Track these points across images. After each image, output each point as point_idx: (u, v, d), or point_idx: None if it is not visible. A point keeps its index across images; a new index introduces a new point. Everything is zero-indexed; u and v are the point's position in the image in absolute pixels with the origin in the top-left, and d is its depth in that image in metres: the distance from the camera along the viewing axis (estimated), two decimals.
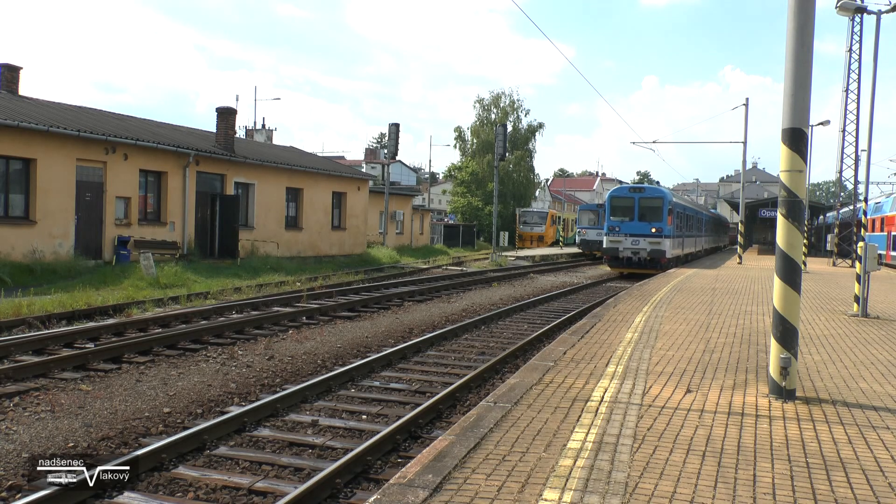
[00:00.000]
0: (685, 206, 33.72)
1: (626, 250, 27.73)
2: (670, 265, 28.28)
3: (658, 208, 27.71)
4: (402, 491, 4.18)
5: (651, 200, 28.12)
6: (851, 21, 30.55)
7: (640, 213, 27.80)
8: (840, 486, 4.46)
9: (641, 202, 28.09)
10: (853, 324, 12.13)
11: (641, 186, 30.47)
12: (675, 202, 28.95)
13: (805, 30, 6.52)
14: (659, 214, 27.53)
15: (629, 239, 27.62)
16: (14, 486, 5.42)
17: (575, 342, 9.28)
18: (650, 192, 29.30)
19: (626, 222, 27.87)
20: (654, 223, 27.39)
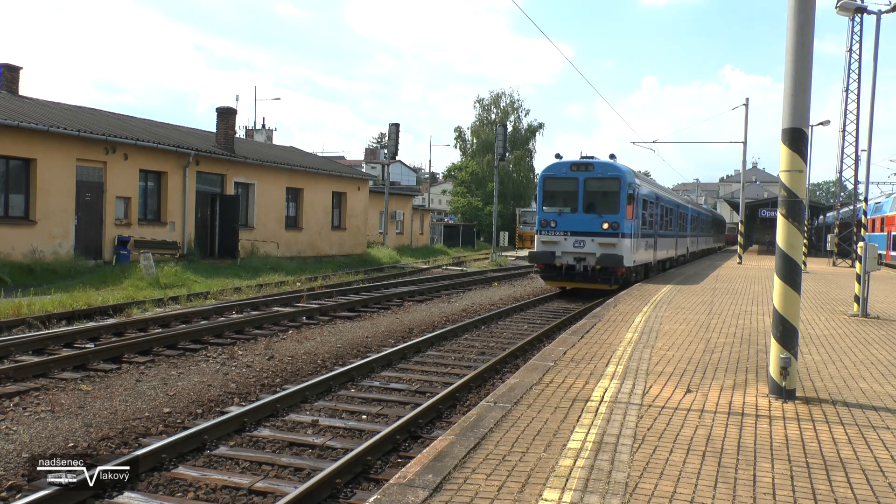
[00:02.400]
0: (658, 195, 23.90)
1: (565, 255, 18.70)
2: (632, 277, 19.82)
3: (613, 194, 18.66)
4: (402, 491, 4.18)
5: (602, 182, 18.92)
6: (851, 21, 30.55)
7: (586, 200, 18.83)
8: (840, 486, 4.46)
9: (588, 185, 18.92)
10: (853, 324, 12.13)
11: (588, 162, 19.10)
12: (638, 185, 19.85)
13: (805, 30, 6.52)
14: (614, 203, 18.57)
15: (570, 239, 18.72)
16: (14, 486, 5.42)
17: (575, 342, 9.28)
18: (601, 171, 18.96)
19: (566, 214, 18.91)
20: (608, 215, 18.48)
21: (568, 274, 18.88)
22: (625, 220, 18.43)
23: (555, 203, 19.30)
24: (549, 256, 18.73)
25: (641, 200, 20.16)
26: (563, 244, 18.74)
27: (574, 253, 18.68)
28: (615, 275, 18.34)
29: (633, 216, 19.07)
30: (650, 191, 22.34)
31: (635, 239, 19.42)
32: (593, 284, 18.82)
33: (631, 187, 18.87)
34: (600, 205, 18.75)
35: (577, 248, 18.64)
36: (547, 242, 18.94)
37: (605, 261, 18.12)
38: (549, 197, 19.43)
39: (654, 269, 23.43)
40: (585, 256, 18.55)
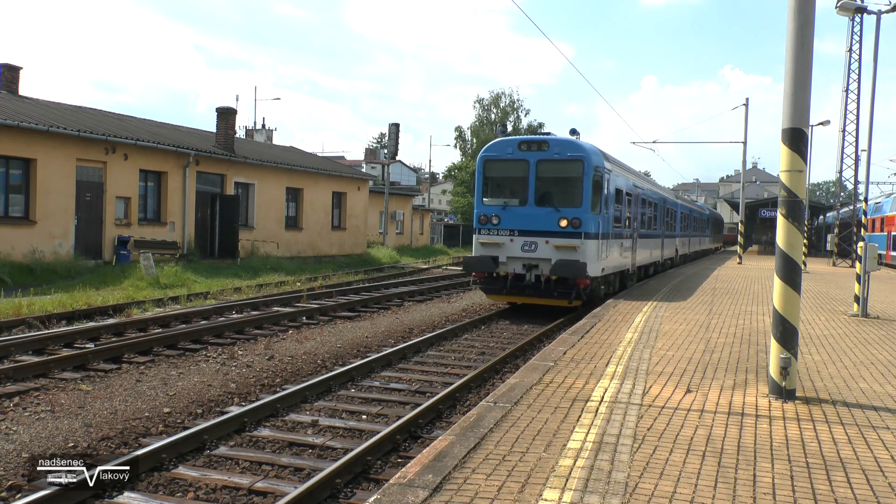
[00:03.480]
0: (639, 185, 19.71)
1: (511, 262, 14.53)
2: (600, 291, 15.38)
3: (574, 181, 14.45)
4: (402, 491, 4.18)
5: (560, 166, 14.64)
6: (851, 21, 30.56)
7: (538, 189, 14.65)
8: (840, 486, 4.46)
9: (542, 169, 14.67)
10: (853, 324, 12.13)
11: (542, 139, 14.98)
12: (609, 171, 15.42)
13: (805, 30, 6.52)
14: (575, 192, 14.40)
15: (518, 240, 14.57)
16: (14, 486, 5.42)
17: (575, 342, 9.28)
18: (558, 150, 14.65)
19: (513, 208, 14.75)
20: (567, 209, 14.30)
21: (515, 286, 14.42)
22: (589, 216, 14.17)
23: (498, 193, 15.17)
24: (490, 263, 14.41)
25: (614, 191, 15.76)
26: (509, 247, 14.46)
27: (523, 258, 14.34)
28: (576, 288, 13.90)
29: (602, 210, 14.74)
30: (627, 180, 17.69)
31: (604, 240, 14.99)
32: (547, 300, 14.49)
33: (598, 172, 14.37)
34: (557, 195, 14.51)
35: (527, 252, 14.33)
36: (488, 245, 14.66)
37: (562, 269, 13.68)
38: (490, 185, 15.27)
39: (633, 277, 19.38)
40: (537, 263, 14.21)
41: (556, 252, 14.07)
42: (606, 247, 15.24)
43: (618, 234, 16.56)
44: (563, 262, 13.80)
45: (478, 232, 14.88)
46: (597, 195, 14.46)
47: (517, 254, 14.42)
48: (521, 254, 14.37)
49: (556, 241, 14.12)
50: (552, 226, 14.22)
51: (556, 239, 14.14)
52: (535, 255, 14.27)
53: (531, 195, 14.54)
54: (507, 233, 14.57)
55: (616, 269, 16.66)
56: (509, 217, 14.63)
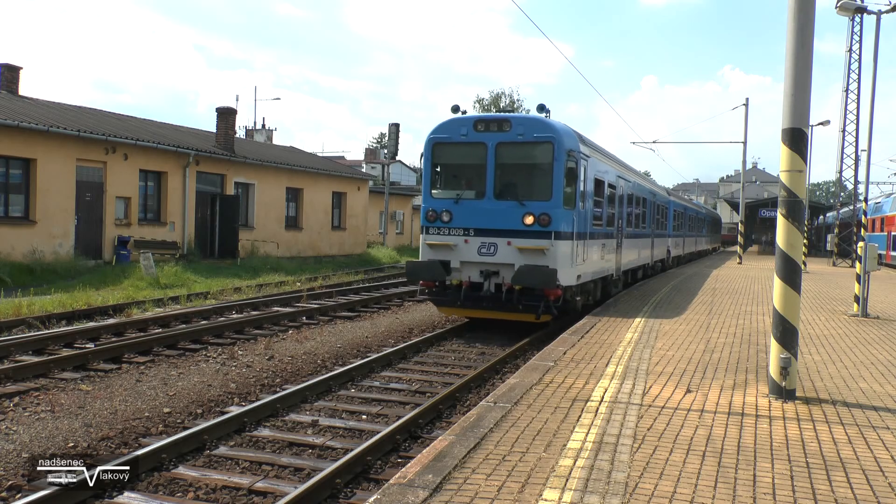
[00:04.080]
0: (624, 177, 17.04)
1: (466, 268, 12.19)
2: (576, 302, 12.84)
3: (542, 169, 12.10)
4: (402, 491, 4.18)
5: (525, 150, 12.27)
6: (851, 21, 30.58)
7: (499, 179, 12.29)
8: (840, 486, 4.46)
9: (503, 154, 12.25)
10: (853, 324, 12.14)
11: (503, 117, 12.53)
12: (586, 157, 12.95)
13: (805, 30, 6.52)
14: (543, 183, 12.02)
15: (474, 241, 12.16)
16: (14, 486, 5.42)
17: (575, 342, 9.28)
18: (523, 130, 12.15)
19: (468, 202, 12.33)
20: (533, 203, 11.90)
21: (470, 297, 11.92)
22: (561, 212, 11.67)
23: (450, 183, 12.74)
24: (440, 269, 11.92)
25: (593, 181, 13.32)
26: (463, 249, 12.03)
27: (479, 264, 11.90)
28: (545, 300, 11.48)
29: (578, 205, 12.23)
30: (610, 169, 15.09)
31: (581, 241, 12.46)
32: (509, 314, 12.06)
33: (572, 158, 11.84)
34: (522, 186, 12.09)
35: (485, 255, 11.88)
36: (437, 247, 12.16)
37: (526, 277, 11.30)
38: (440, 174, 12.77)
39: (619, 283, 16.85)
40: (498, 269, 11.78)
41: (519, 256, 11.68)
42: (583, 249, 12.73)
43: (598, 233, 14.01)
44: (528, 268, 11.41)
45: (425, 231, 12.46)
46: (571, 186, 11.95)
47: (473, 258, 12.01)
48: (478, 258, 11.97)
49: (521, 243, 11.71)
50: (515, 224, 11.80)
51: (521, 240, 11.72)
52: (494, 260, 11.87)
53: (490, 186, 12.05)
54: (461, 232, 12.13)
55: (596, 276, 14.06)
56: (463, 213, 12.18)
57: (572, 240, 12.05)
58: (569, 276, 11.90)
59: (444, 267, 12.07)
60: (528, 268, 11.45)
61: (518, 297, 11.60)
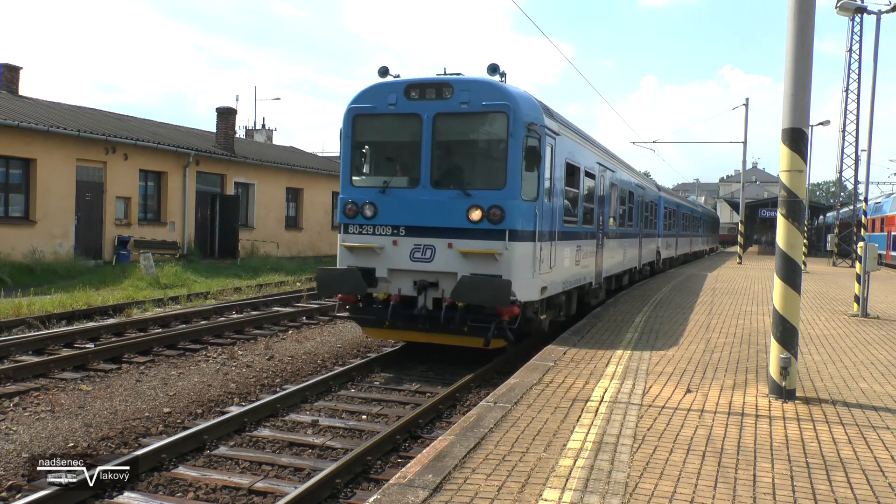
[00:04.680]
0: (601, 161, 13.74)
1: (395, 277, 9.42)
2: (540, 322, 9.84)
3: (493, 146, 9.47)
4: (402, 491, 4.18)
5: (471, 123, 9.50)
6: (851, 21, 30.58)
7: (437, 161, 9.44)
8: (840, 486, 4.46)
9: (442, 128, 9.38)
10: (853, 324, 12.13)
11: (443, 81, 9.28)
12: (553, 134, 9.86)
13: (805, 30, 6.52)
14: (494, 164, 9.31)
15: (405, 243, 9.35)
16: (14, 486, 5.42)
17: (575, 342, 9.28)
18: (468, 96, 9.12)
19: (397, 191, 9.55)
20: (482, 193, 9.11)
21: (401, 315, 9.25)
22: (519, 204, 8.94)
23: (375, 168, 10.07)
24: (359, 280, 9.20)
25: (563, 166, 10.48)
26: (391, 254, 9.31)
27: (413, 272, 9.22)
28: (497, 320, 8.81)
29: (543, 195, 9.40)
30: (587, 153, 12.37)
31: (547, 243, 9.69)
32: (450, 338, 9.33)
33: (534, 133, 8.97)
34: (468, 170, 9.47)
35: (420, 261, 9.18)
36: (358, 250, 9.49)
37: (470, 291, 8.62)
38: (362, 156, 10.06)
39: (598, 293, 14.07)
40: (437, 279, 9.13)
41: (464, 262, 8.89)
42: (551, 252, 9.83)
43: (572, 232, 11.16)
44: (472, 279, 8.62)
45: (343, 230, 9.71)
46: (532, 171, 9.02)
47: (404, 264, 9.20)
48: (411, 264, 9.15)
49: (465, 245, 8.86)
50: (458, 220, 8.97)
51: (465, 241, 8.89)
52: (431, 267, 9.08)
53: (426, 171, 9.21)
54: (389, 231, 9.31)
55: (569, 285, 11.16)
56: (391, 206, 9.32)
57: (534, 241, 9.14)
58: (529, 289, 9.09)
59: (366, 276, 9.27)
60: (473, 279, 8.61)
61: (462, 317, 8.82)
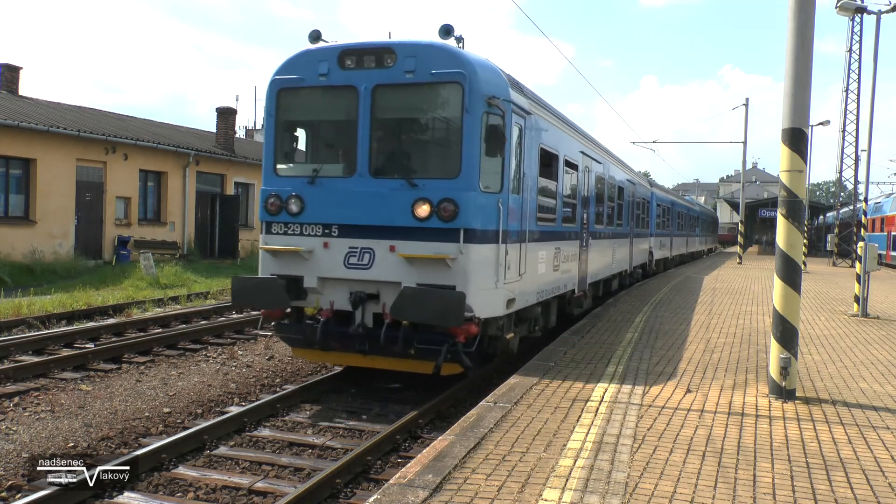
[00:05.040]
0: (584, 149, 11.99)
1: (327, 288, 7.72)
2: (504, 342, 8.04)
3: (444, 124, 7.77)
4: (402, 491, 4.18)
5: (417, 96, 7.71)
6: (851, 21, 30.58)
7: (377, 143, 7.71)
8: (840, 486, 4.46)
9: (384, 103, 7.64)
10: (853, 324, 12.13)
11: (383, 45, 7.55)
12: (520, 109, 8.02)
13: (805, 30, 6.52)
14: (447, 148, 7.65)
15: (338, 245, 7.61)
16: (14, 486, 5.42)
17: (575, 342, 9.27)
18: (414, 63, 7.35)
19: (328, 181, 7.80)
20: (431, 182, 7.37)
21: (334, 334, 7.73)
22: (477, 197, 7.35)
23: (303, 154, 8.53)
24: (281, 292, 7.61)
25: (537, 152, 8.86)
26: (322, 259, 7.74)
27: (348, 281, 7.67)
28: (450, 341, 7.27)
29: (508, 187, 7.79)
30: (568, 139, 10.64)
31: (515, 245, 8.08)
32: (394, 362, 7.76)
33: (498, 111, 7.43)
34: (414, 155, 7.99)
35: (356, 268, 7.60)
36: (282, 254, 7.87)
37: (412, 306, 7.09)
38: (288, 137, 8.36)
39: (583, 301, 12.24)
40: (377, 290, 7.59)
41: (409, 270, 7.30)
42: (520, 256, 8.18)
43: (548, 232, 9.50)
44: (416, 292, 7.04)
45: (266, 230, 7.99)
46: (495, 156, 7.39)
47: (337, 272, 7.60)
48: (346, 272, 7.55)
49: (410, 248, 7.30)
50: (402, 216, 7.32)
51: (410, 243, 7.31)
52: (370, 276, 7.47)
53: (363, 156, 7.56)
54: (319, 231, 7.69)
55: (546, 294, 9.47)
56: (322, 200, 7.69)
57: (497, 243, 7.45)
58: (491, 302, 7.42)
59: (293, 286, 7.65)
60: (416, 292, 7.00)
61: (406, 337, 7.23)
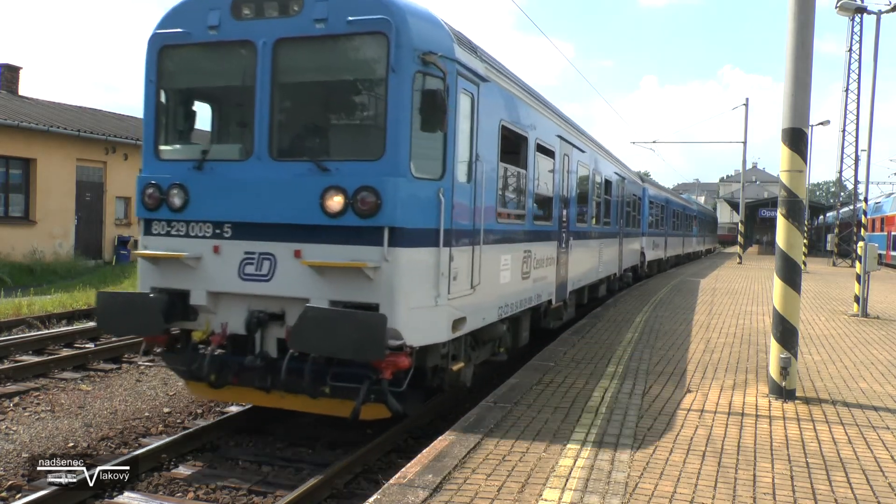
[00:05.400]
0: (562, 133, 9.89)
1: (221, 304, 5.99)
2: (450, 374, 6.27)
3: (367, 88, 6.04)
4: (402, 491, 4.18)
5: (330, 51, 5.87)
6: (851, 21, 30.58)
7: (279, 115, 5.93)
8: (840, 486, 4.46)
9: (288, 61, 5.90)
10: (853, 324, 12.13)
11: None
12: (466, 71, 6.14)
13: (805, 30, 6.52)
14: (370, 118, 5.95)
15: (231, 250, 5.85)
16: (14, 486, 5.42)
17: (575, 342, 9.27)
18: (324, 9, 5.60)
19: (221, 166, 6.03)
20: (347, 164, 5.61)
21: (225, 363, 6.04)
22: (406, 185, 5.58)
23: (187, 131, 6.72)
24: (154, 313, 5.87)
25: (497, 128, 7.15)
26: (212, 267, 6.00)
27: (245, 297, 5.94)
28: (374, 376, 5.48)
29: (454, 170, 6.02)
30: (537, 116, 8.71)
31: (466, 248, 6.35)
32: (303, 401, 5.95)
33: (437, 70, 5.69)
34: (329, 130, 6.38)
35: (254, 279, 5.86)
36: (163, 262, 6.15)
37: (319, 334, 5.30)
38: (169, 110, 6.57)
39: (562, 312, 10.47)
40: (281, 309, 5.87)
41: (320, 282, 5.65)
42: (472, 263, 6.47)
43: (513, 232, 7.82)
44: (321, 315, 5.42)
45: (145, 230, 6.34)
46: (433, 130, 5.68)
47: (231, 285, 5.95)
48: (241, 285, 5.91)
49: (319, 254, 5.65)
50: (309, 211, 5.68)
51: (320, 246, 5.67)
52: (271, 290, 5.84)
53: (262, 132, 5.92)
54: (208, 231, 6.02)
55: (514, 308, 7.79)
56: (212, 191, 6.04)
57: (437, 246, 5.76)
58: (429, 325, 5.78)
59: (176, 304, 6.00)
60: (321, 315, 5.35)
61: (316, 371, 5.60)
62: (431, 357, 6.07)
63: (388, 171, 5.51)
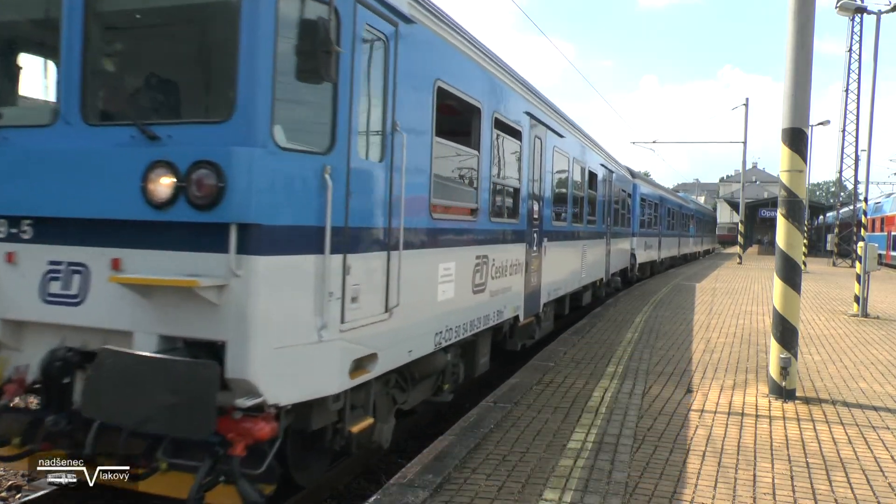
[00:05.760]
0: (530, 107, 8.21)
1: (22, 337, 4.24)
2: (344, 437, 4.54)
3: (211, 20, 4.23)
4: (402, 491, 4.18)
5: None
6: (851, 21, 30.59)
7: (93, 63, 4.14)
8: (840, 486, 4.46)
9: None
10: (853, 324, 12.13)
11: None
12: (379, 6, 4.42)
13: (805, 30, 6.52)
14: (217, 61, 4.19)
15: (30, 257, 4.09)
16: (14, 486, 5.42)
17: (575, 342, 9.28)
18: None
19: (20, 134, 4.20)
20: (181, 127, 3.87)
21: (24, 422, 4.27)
22: (263, 159, 3.72)
23: None
24: None
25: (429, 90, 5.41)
26: (7, 282, 4.20)
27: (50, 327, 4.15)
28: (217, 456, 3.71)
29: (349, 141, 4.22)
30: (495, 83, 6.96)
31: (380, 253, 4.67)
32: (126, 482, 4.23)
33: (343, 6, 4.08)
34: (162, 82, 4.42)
35: (61, 301, 4.06)
36: None
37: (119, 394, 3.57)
38: None
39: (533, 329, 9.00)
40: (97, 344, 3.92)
41: (145, 309, 3.89)
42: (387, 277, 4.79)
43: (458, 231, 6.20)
44: (119, 364, 3.63)
45: None
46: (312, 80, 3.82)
47: (31, 311, 4.20)
48: (43, 311, 4.16)
49: (140, 264, 3.89)
50: (129, 201, 3.84)
51: (143, 253, 3.89)
52: (81, 319, 4.05)
53: (70, 86, 4.16)
54: (2, 230, 4.27)
55: (459, 333, 6.20)
56: (3, 171, 4.21)
57: (322, 252, 4.08)
58: (307, 370, 4.09)
59: None
60: (118, 365, 3.66)
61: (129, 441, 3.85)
62: (318, 416, 4.36)
63: (237, 138, 3.70)
